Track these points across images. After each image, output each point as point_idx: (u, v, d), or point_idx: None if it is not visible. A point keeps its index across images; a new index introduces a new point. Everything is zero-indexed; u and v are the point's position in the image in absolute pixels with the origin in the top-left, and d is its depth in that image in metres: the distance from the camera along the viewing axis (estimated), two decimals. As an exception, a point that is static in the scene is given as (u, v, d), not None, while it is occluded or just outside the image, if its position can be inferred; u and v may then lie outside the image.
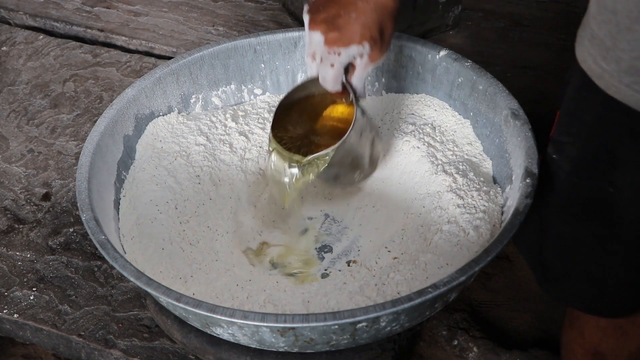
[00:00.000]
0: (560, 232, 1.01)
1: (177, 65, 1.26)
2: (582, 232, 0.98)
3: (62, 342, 1.16)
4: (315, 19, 0.99)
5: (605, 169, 0.92)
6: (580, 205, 0.97)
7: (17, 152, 1.42)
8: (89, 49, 1.64)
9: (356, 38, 0.98)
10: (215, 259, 1.10)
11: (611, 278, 1.00)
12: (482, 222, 1.07)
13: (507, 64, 1.62)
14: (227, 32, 1.70)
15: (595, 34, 0.85)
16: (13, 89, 1.55)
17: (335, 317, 0.90)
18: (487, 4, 1.79)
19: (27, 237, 1.27)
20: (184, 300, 0.93)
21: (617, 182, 0.91)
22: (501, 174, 1.15)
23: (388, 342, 1.05)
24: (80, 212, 1.04)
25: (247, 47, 1.29)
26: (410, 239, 1.09)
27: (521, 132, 1.09)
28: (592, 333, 1.11)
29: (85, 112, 1.49)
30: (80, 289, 1.19)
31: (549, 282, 1.06)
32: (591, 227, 0.97)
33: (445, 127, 1.23)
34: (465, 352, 1.39)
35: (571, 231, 0.99)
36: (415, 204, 1.14)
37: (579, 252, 1.00)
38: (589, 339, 1.12)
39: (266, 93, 1.33)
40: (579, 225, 0.98)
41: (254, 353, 1.03)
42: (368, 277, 1.03)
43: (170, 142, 1.22)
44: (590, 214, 0.97)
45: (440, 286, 0.92)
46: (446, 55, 1.22)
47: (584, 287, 1.02)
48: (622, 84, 0.83)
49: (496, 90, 1.16)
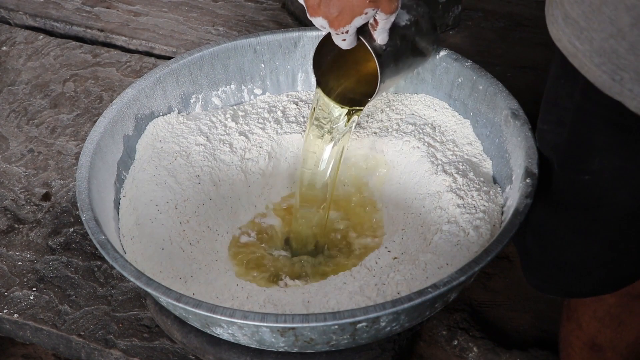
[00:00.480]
0: (538, 220, 1.02)
1: (177, 65, 1.26)
2: (558, 220, 0.99)
3: (62, 342, 1.16)
4: (312, 4, 0.99)
5: (581, 155, 0.93)
6: (557, 193, 0.98)
7: (17, 152, 1.42)
8: (89, 49, 1.64)
9: (357, 10, 0.98)
10: (215, 259, 1.10)
11: (590, 260, 1.01)
12: (482, 222, 1.07)
13: (507, 64, 1.62)
14: (227, 32, 1.70)
15: (569, 14, 0.84)
16: (13, 89, 1.55)
17: (335, 317, 0.90)
18: (487, 4, 1.79)
19: (27, 237, 1.27)
20: (184, 300, 0.93)
21: (594, 168, 0.92)
22: (501, 174, 1.15)
23: (388, 342, 1.05)
24: (80, 212, 1.04)
25: (247, 47, 1.29)
26: (410, 239, 1.09)
27: (521, 132, 1.09)
28: (590, 324, 1.11)
29: (85, 112, 1.49)
30: (80, 289, 1.19)
31: (529, 271, 1.08)
32: (567, 214, 0.98)
33: (445, 127, 1.23)
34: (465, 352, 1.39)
35: (547, 219, 1.01)
36: (415, 204, 1.14)
37: (555, 239, 1.01)
38: (586, 330, 1.12)
39: (266, 93, 1.33)
40: (555, 213, 0.99)
41: (254, 353, 1.03)
42: (368, 277, 1.03)
43: (170, 142, 1.22)
44: (566, 202, 0.98)
45: (440, 286, 0.92)
46: (446, 55, 1.22)
47: (562, 273, 1.04)
48: (593, 64, 0.83)
49: (496, 90, 1.16)
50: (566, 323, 1.16)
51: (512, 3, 1.79)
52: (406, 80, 1.28)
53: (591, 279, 1.03)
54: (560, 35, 0.86)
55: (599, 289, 1.05)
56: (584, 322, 1.12)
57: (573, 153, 0.94)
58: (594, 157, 0.91)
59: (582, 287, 1.05)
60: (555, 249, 1.02)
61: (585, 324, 1.12)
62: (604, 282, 1.03)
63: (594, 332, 1.12)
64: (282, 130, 1.25)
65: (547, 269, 1.05)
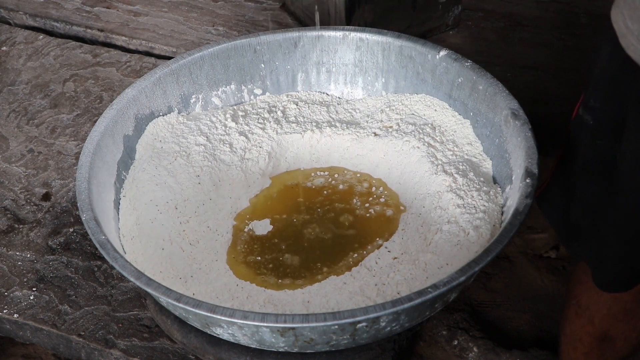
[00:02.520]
0: (585, 192, 1.02)
1: (177, 65, 1.26)
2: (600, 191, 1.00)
3: (62, 342, 1.16)
4: None
5: (617, 132, 0.94)
6: (599, 165, 0.99)
7: (17, 152, 1.42)
8: (89, 49, 1.64)
9: None
10: (215, 259, 1.10)
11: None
12: (482, 222, 1.07)
13: (507, 64, 1.62)
14: (227, 32, 1.70)
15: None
16: (13, 89, 1.55)
17: (335, 317, 0.90)
18: (487, 4, 1.79)
19: (27, 237, 1.27)
20: (184, 300, 0.93)
21: (621, 148, 0.93)
22: (501, 174, 1.15)
23: (388, 342, 1.05)
24: (80, 212, 1.04)
25: (247, 47, 1.29)
26: (410, 239, 1.09)
27: (521, 132, 1.09)
28: (603, 320, 1.12)
29: (85, 112, 1.49)
30: (80, 289, 1.19)
31: (574, 241, 1.07)
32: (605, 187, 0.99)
33: (445, 127, 1.23)
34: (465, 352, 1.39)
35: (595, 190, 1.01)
36: (415, 204, 1.14)
37: (601, 209, 1.01)
38: (599, 326, 1.13)
39: (266, 93, 1.33)
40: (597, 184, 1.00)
41: (254, 353, 1.03)
42: (368, 277, 1.03)
43: (170, 142, 1.22)
44: (605, 175, 0.98)
45: (440, 286, 0.92)
46: (446, 55, 1.22)
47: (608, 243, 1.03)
48: (639, 43, 0.86)
49: (496, 90, 1.16)
50: (575, 320, 1.17)
51: (512, 3, 1.79)
52: (406, 80, 1.28)
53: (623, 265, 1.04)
54: (618, 16, 0.90)
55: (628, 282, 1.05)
56: (596, 318, 1.13)
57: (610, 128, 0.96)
58: (624, 136, 0.93)
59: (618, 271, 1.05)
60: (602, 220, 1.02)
61: (598, 320, 1.13)
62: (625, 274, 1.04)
63: (607, 327, 1.12)
64: (282, 130, 1.25)
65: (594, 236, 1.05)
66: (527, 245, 1.52)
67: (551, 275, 1.46)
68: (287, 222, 1.16)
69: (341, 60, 1.31)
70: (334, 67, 1.32)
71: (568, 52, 1.65)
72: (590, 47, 1.21)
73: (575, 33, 1.69)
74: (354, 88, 1.33)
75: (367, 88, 1.32)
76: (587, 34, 1.68)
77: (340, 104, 1.31)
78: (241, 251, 1.11)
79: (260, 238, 1.14)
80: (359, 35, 1.29)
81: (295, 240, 1.13)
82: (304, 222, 1.16)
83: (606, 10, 0.94)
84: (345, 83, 1.33)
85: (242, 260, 1.10)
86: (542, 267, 1.48)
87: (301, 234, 1.14)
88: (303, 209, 1.18)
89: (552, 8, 1.76)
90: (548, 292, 1.47)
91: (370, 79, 1.31)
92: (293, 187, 1.21)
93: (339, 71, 1.32)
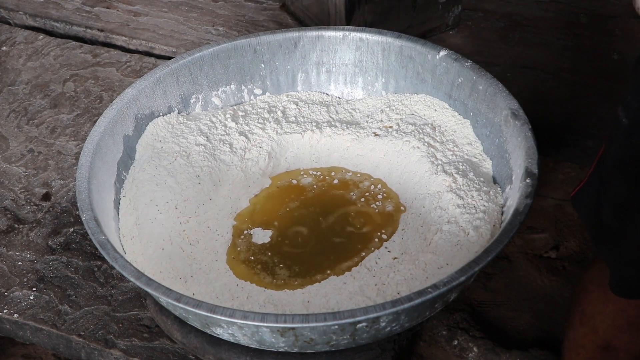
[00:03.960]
0: (616, 193, 1.01)
1: (177, 66, 1.26)
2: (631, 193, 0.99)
3: (62, 342, 1.16)
4: None
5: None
6: (632, 166, 0.98)
7: (17, 152, 1.42)
8: (89, 49, 1.64)
9: None
10: (215, 259, 1.10)
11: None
12: (482, 222, 1.07)
13: (507, 64, 1.62)
14: (227, 32, 1.70)
15: None
16: (13, 89, 1.55)
17: (335, 317, 0.90)
18: (487, 4, 1.79)
19: (27, 237, 1.27)
20: (184, 300, 0.93)
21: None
22: (501, 174, 1.15)
23: (388, 342, 1.05)
24: (80, 212, 1.04)
25: (247, 47, 1.29)
26: (410, 239, 1.09)
27: (521, 132, 1.09)
28: (607, 331, 1.12)
29: (85, 112, 1.49)
30: (80, 289, 1.19)
31: (603, 243, 1.07)
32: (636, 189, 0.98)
33: (445, 127, 1.23)
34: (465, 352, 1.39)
35: (626, 192, 1.00)
36: (415, 204, 1.14)
37: (630, 212, 1.00)
38: (602, 336, 1.12)
39: (266, 93, 1.33)
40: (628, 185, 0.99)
41: (254, 353, 1.03)
42: (368, 277, 1.03)
43: (170, 142, 1.22)
44: (638, 176, 0.97)
45: (440, 286, 0.92)
46: (446, 55, 1.22)
47: (632, 247, 1.02)
48: None
49: (496, 90, 1.16)
50: (579, 327, 1.16)
51: (512, 3, 1.79)
52: (406, 80, 1.28)
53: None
54: None
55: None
56: (601, 329, 1.12)
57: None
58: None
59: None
60: (633, 224, 1.01)
61: (602, 330, 1.12)
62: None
63: (611, 337, 1.12)
64: (282, 130, 1.25)
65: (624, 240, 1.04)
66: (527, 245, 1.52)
67: (551, 275, 1.45)
68: (287, 222, 1.16)
69: (341, 60, 1.31)
70: (334, 67, 1.32)
71: (568, 52, 1.65)
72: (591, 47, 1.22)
73: (575, 33, 1.69)
74: (354, 88, 1.33)
75: (367, 88, 1.32)
76: (587, 34, 1.68)
77: (340, 104, 1.31)
78: (241, 251, 1.11)
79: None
80: (359, 36, 1.29)
81: (295, 240, 1.13)
82: (303, 222, 1.16)
83: (606, 11, 0.94)
84: (345, 83, 1.33)
85: (242, 260, 1.10)
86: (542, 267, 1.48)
87: (301, 234, 1.14)
88: (303, 209, 1.18)
89: (552, 8, 1.76)
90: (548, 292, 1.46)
91: (370, 79, 1.31)
92: (293, 187, 1.21)
93: (339, 71, 1.32)
